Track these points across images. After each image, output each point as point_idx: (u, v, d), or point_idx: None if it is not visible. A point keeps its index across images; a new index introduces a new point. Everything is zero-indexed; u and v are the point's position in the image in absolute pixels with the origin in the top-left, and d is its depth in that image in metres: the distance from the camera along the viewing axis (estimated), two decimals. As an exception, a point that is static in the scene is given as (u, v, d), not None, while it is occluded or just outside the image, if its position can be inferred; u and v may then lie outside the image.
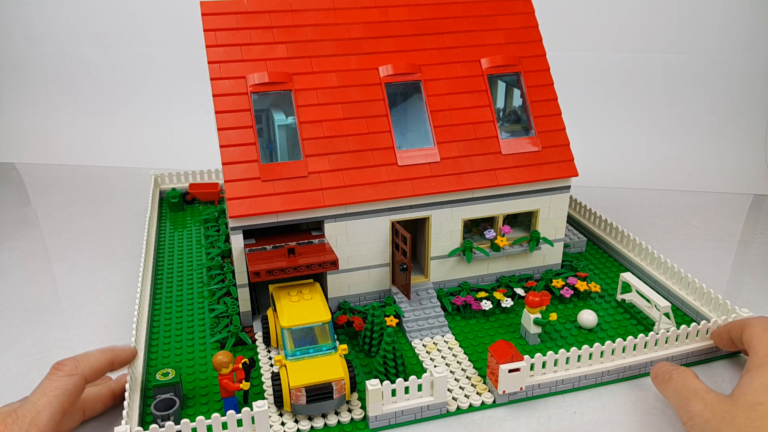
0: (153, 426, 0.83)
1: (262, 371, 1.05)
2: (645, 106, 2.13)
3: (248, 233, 1.14)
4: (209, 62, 1.13)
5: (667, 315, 1.14)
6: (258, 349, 1.11)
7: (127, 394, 0.90)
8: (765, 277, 1.40)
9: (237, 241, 1.10)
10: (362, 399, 0.97)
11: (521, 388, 0.97)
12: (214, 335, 1.14)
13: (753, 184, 1.91)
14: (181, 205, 1.75)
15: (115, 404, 0.97)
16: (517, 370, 0.95)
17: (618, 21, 2.09)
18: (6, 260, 1.47)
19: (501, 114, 1.31)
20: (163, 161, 1.86)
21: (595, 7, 2.08)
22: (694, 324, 1.05)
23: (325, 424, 0.93)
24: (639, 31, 2.09)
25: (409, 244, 1.10)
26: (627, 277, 1.22)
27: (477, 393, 0.99)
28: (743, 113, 2.09)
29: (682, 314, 1.21)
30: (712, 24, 2.04)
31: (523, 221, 1.33)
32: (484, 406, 0.97)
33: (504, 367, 0.94)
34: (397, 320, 1.16)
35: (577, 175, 1.23)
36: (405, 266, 1.15)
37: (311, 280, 1.11)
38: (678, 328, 1.05)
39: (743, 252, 1.53)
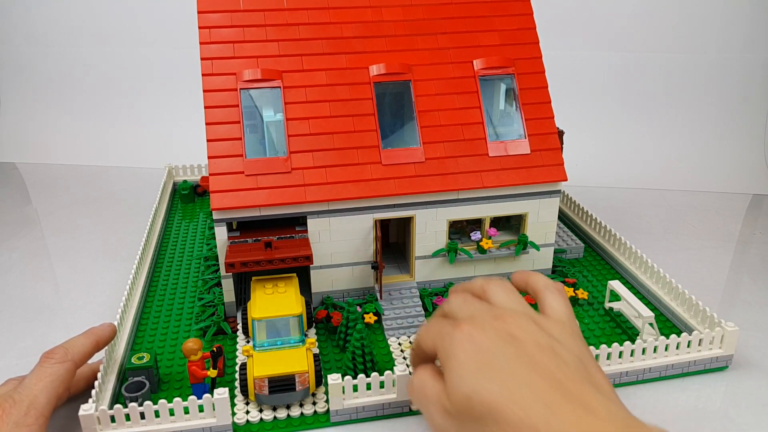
0: (117, 406, 0.87)
1: (237, 360, 1.08)
2: (645, 106, 2.11)
3: (237, 225, 1.17)
4: (202, 59, 1.17)
5: (651, 325, 1.12)
6: (238, 339, 1.14)
7: (99, 375, 0.94)
8: (764, 276, 1.37)
9: (221, 233, 1.13)
10: (328, 393, 0.99)
11: (485, 391, 0.96)
12: (198, 323, 1.18)
13: (752, 184, 1.89)
14: (192, 197, 1.80)
15: None
16: (481, 372, 0.94)
17: (619, 21, 2.08)
18: (7, 260, 1.50)
19: (491, 116, 1.30)
20: (164, 161, 1.90)
21: (596, 7, 2.06)
22: (673, 336, 1.03)
23: (288, 415, 0.95)
24: (639, 31, 2.07)
25: (380, 243, 1.11)
26: (614, 285, 1.20)
27: (443, 393, 0.99)
28: (742, 113, 2.06)
29: (671, 325, 1.18)
30: (712, 24, 2.01)
31: (515, 224, 1.32)
32: (448, 406, 0.97)
33: (467, 369, 0.94)
34: (376, 317, 1.17)
35: (566, 179, 1.21)
36: (375, 264, 1.15)
37: (293, 274, 1.14)
38: (668, 338, 1.02)
39: (742, 251, 1.50)
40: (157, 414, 0.88)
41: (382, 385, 0.95)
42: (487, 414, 0.69)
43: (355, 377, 0.95)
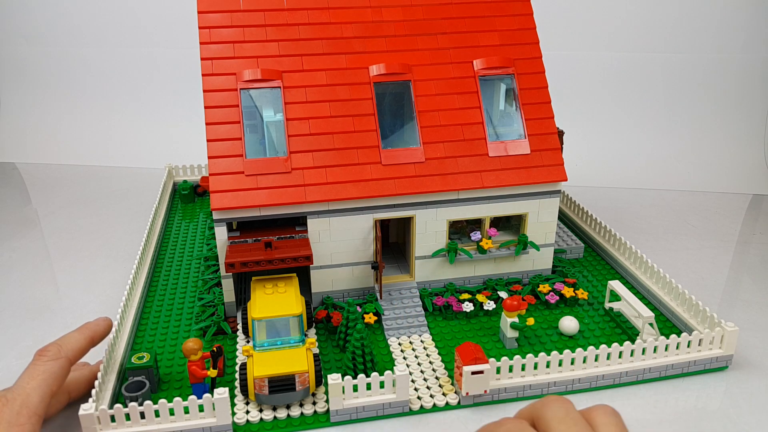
0: (117, 405, 0.87)
1: (237, 360, 1.08)
2: (644, 105, 2.11)
3: (237, 225, 1.17)
4: (202, 59, 1.17)
5: (651, 325, 1.12)
6: (238, 339, 1.14)
7: (99, 375, 0.94)
8: (764, 276, 1.37)
9: (221, 234, 1.13)
10: (328, 392, 0.99)
11: (485, 391, 0.96)
12: (198, 323, 1.18)
13: (752, 184, 1.89)
14: (192, 197, 1.80)
15: None
16: (481, 372, 0.94)
17: (619, 21, 2.08)
18: (7, 260, 1.49)
19: (491, 116, 1.30)
20: (164, 161, 1.90)
21: (596, 7, 2.07)
22: (673, 336, 1.03)
23: (288, 415, 0.95)
24: (638, 31, 2.07)
25: (380, 243, 1.11)
26: (614, 285, 1.20)
27: (443, 393, 0.99)
28: (742, 113, 2.06)
29: (671, 325, 1.18)
30: (711, 24, 2.01)
31: (515, 224, 1.32)
32: (448, 406, 0.98)
33: (467, 369, 0.94)
34: (376, 317, 1.17)
35: (566, 179, 1.21)
36: (375, 264, 1.15)
37: (293, 274, 1.14)
38: (668, 338, 1.02)
39: (742, 252, 1.50)
40: (157, 414, 0.88)
41: (382, 385, 0.95)
42: None
43: (355, 377, 0.95)
